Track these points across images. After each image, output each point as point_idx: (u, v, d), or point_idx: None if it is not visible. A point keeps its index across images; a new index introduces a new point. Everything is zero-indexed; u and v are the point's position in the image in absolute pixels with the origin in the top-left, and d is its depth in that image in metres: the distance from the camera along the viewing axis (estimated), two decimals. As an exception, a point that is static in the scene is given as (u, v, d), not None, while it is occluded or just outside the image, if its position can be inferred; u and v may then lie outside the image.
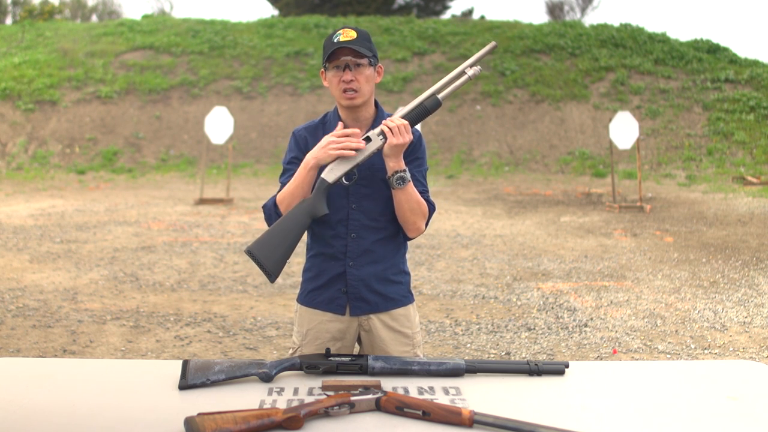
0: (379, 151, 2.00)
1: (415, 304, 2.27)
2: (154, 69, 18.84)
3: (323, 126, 2.18)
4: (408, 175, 2.01)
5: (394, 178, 2.00)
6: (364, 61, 2.04)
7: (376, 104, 2.17)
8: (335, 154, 1.96)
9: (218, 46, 19.89)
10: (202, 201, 11.35)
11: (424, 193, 2.13)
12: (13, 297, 5.66)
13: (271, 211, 2.11)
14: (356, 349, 2.25)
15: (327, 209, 1.99)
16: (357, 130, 2.00)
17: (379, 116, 2.14)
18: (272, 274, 1.94)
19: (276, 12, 27.59)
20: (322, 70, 2.12)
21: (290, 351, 2.25)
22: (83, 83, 18.16)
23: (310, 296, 2.20)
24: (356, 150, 1.96)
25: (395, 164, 1.99)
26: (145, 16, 24.25)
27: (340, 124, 2.03)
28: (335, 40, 2.03)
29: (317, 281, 2.18)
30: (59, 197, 12.04)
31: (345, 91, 2.04)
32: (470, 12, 30.31)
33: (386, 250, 2.16)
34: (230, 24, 21.53)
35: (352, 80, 2.03)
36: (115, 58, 19.24)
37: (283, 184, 2.12)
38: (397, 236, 2.18)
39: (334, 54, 2.03)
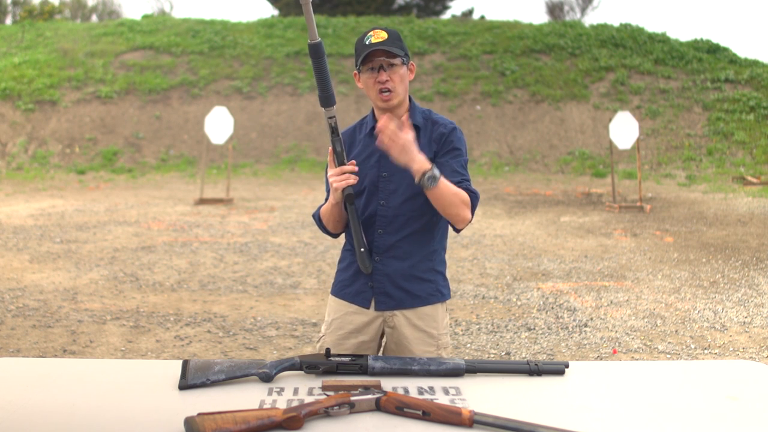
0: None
1: (446, 305, 2.25)
2: (154, 69, 18.84)
3: (360, 127, 2.25)
4: (436, 172, 1.94)
5: (425, 180, 1.95)
6: (397, 60, 2.07)
7: (410, 99, 2.19)
8: (341, 186, 2.03)
9: (218, 46, 19.89)
10: (202, 201, 11.35)
11: (462, 182, 2.07)
12: (13, 297, 5.66)
13: (319, 222, 2.24)
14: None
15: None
16: (352, 167, 2.05)
17: (411, 111, 2.17)
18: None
19: (276, 12, 27.58)
20: (355, 72, 2.14)
21: (316, 341, 2.31)
22: (83, 83, 18.16)
23: (339, 286, 2.25)
24: (354, 173, 2.04)
25: (417, 165, 1.95)
26: (145, 16, 24.25)
27: (330, 150, 2.06)
28: (367, 42, 2.05)
29: (346, 273, 2.23)
30: (59, 197, 12.04)
31: (381, 92, 2.07)
32: (470, 12, 30.32)
33: (414, 247, 2.15)
34: (230, 24, 21.53)
35: (387, 80, 2.06)
36: (115, 58, 19.24)
37: (327, 192, 2.21)
38: (427, 233, 2.17)
39: (367, 56, 2.05)
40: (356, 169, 2.04)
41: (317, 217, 2.23)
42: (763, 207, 10.81)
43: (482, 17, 27.29)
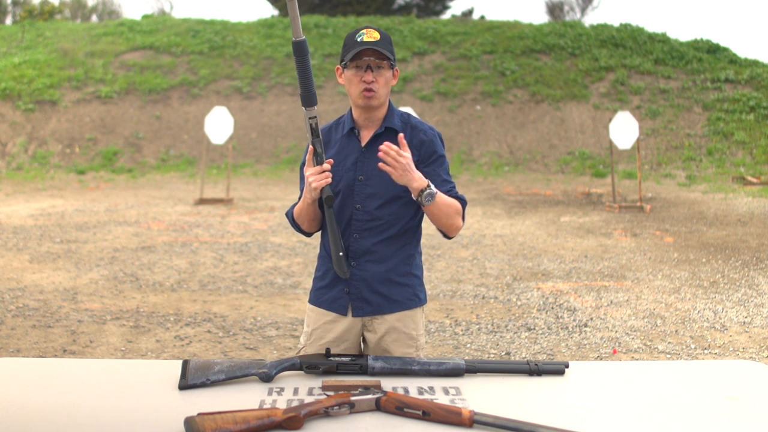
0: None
1: (424, 308, 2.24)
2: (154, 69, 18.84)
3: (337, 126, 2.22)
4: (433, 189, 1.98)
5: (423, 198, 1.97)
6: (385, 63, 2.07)
7: (389, 102, 2.19)
8: (320, 185, 2.01)
9: (218, 46, 19.89)
10: (202, 201, 11.35)
11: (451, 190, 2.11)
12: (13, 297, 5.66)
13: (292, 221, 2.22)
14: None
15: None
16: (328, 165, 2.03)
17: (389, 114, 2.16)
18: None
19: (276, 12, 27.56)
20: (339, 67, 2.13)
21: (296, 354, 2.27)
22: (83, 83, 18.16)
23: (317, 294, 2.23)
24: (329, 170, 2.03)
25: (417, 184, 1.97)
26: (145, 16, 24.25)
27: (310, 149, 2.03)
28: (359, 40, 2.04)
29: (323, 280, 2.21)
30: (59, 197, 12.04)
31: (364, 90, 2.06)
32: (470, 12, 30.29)
33: (390, 251, 2.14)
34: (230, 24, 21.53)
35: (372, 81, 2.06)
36: (115, 58, 19.24)
37: (300, 191, 2.18)
38: (404, 237, 2.16)
39: (357, 54, 2.04)
40: (332, 164, 2.05)
41: (291, 216, 2.21)
42: (763, 207, 10.81)
43: (482, 17, 27.28)
